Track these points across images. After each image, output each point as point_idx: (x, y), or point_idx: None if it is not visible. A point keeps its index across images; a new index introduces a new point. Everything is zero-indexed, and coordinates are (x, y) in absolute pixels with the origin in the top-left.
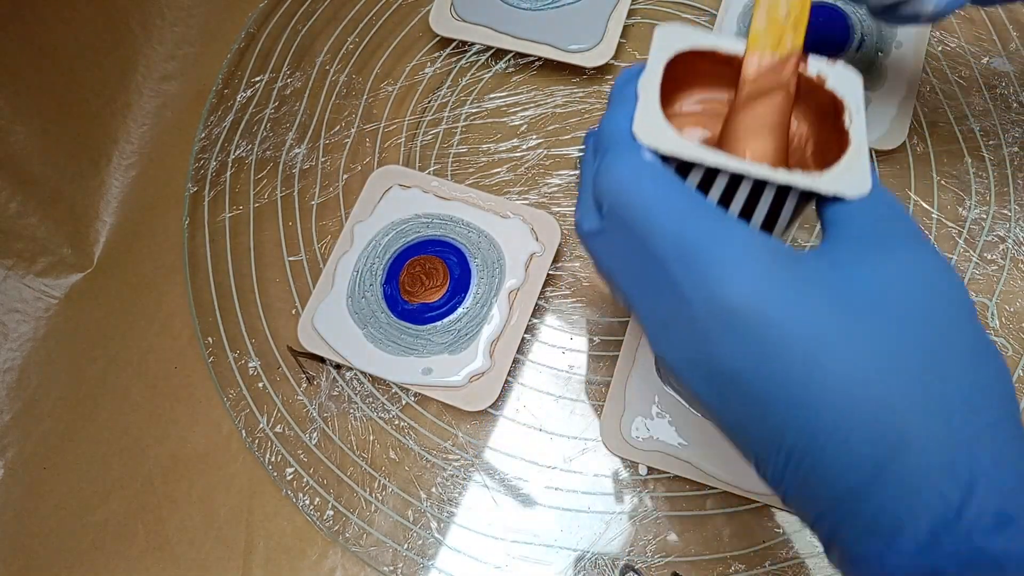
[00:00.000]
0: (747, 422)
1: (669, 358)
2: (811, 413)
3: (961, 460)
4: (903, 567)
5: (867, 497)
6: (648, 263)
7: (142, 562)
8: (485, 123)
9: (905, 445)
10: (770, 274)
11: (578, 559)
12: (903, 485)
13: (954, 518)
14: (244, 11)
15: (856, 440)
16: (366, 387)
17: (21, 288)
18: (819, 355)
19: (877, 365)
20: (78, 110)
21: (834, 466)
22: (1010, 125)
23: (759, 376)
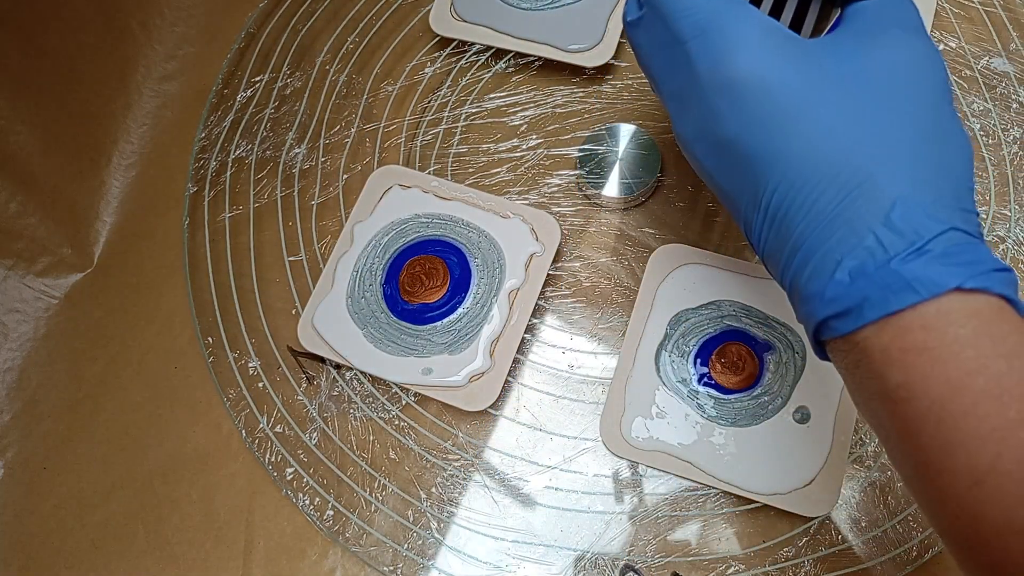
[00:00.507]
0: (738, 184)
1: (682, 133)
2: (786, 167)
3: (898, 208)
4: (838, 296)
5: (818, 242)
6: (673, 45)
7: (142, 562)
8: (485, 123)
9: (855, 195)
10: (771, 53)
11: (578, 559)
12: (846, 230)
13: (881, 252)
14: (244, 11)
15: (819, 191)
16: (366, 387)
17: (21, 288)
18: (800, 117)
19: (846, 126)
20: (78, 110)
21: (798, 216)
22: (1010, 125)
23: (751, 140)
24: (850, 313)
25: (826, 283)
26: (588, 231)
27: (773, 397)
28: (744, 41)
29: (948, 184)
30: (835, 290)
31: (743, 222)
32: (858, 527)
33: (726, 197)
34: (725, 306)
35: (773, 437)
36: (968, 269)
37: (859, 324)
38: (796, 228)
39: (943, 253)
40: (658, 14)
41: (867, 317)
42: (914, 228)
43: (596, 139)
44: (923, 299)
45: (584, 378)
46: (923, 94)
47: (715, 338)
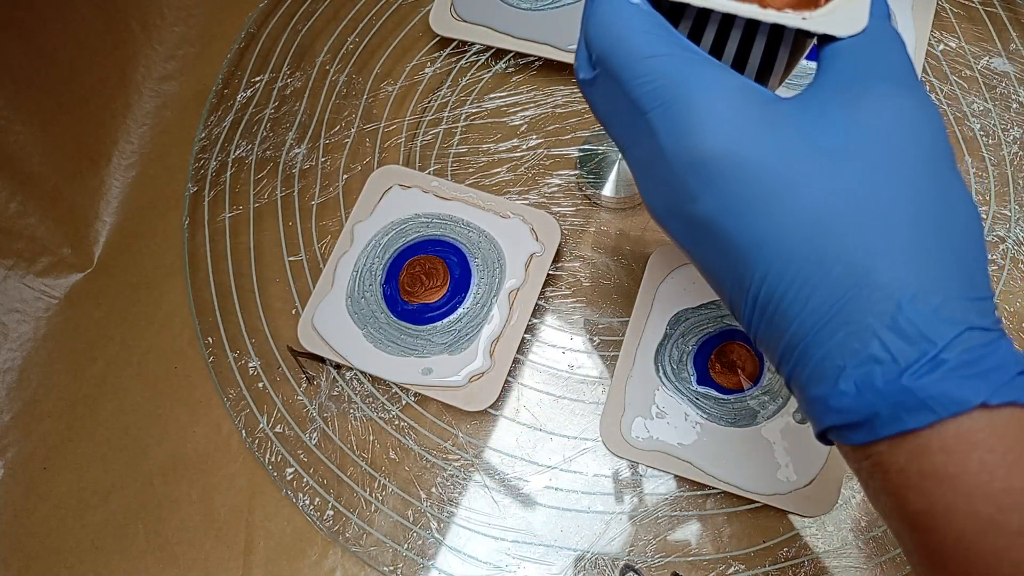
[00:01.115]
0: (720, 268)
1: (652, 205)
2: (772, 257)
3: (904, 309)
4: (844, 408)
5: (817, 343)
6: (632, 111)
7: (142, 562)
8: (485, 123)
9: (853, 293)
10: (744, 123)
11: (578, 559)
12: (847, 332)
13: (889, 362)
14: (244, 11)
15: (811, 287)
16: (366, 387)
17: (21, 288)
18: (783, 197)
19: (836, 208)
20: (78, 110)
21: (791, 313)
22: (1010, 125)
23: (729, 224)
24: (860, 427)
25: (829, 391)
26: (588, 231)
27: (773, 397)
28: (712, 111)
29: (958, 269)
30: (840, 401)
31: (730, 305)
32: (858, 527)
33: (707, 276)
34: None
35: (773, 437)
36: (991, 381)
37: (868, 439)
38: (791, 325)
39: (961, 363)
40: (612, 77)
41: (879, 433)
42: (925, 332)
43: (596, 139)
44: (941, 418)
45: (584, 378)
46: (921, 161)
47: (714, 337)
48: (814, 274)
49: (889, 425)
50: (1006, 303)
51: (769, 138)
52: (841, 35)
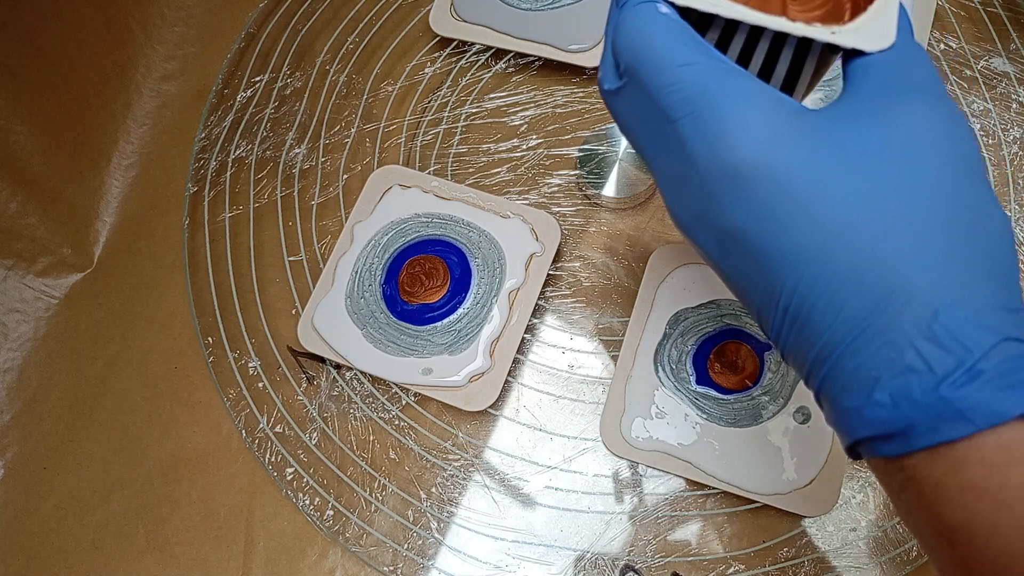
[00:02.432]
0: (749, 279)
1: (678, 215)
2: (804, 267)
3: (941, 318)
4: (879, 419)
5: (850, 354)
6: (660, 120)
7: (142, 562)
8: (485, 123)
9: (887, 302)
10: (776, 133)
11: (578, 559)
12: (882, 342)
13: (926, 372)
14: (244, 11)
15: (843, 296)
16: (366, 387)
17: (21, 288)
18: (815, 207)
19: (869, 216)
20: (78, 110)
21: (822, 323)
22: (1010, 125)
23: (760, 233)
24: (894, 438)
25: (863, 402)
26: (588, 231)
27: (774, 397)
28: (744, 121)
29: (993, 279)
30: (875, 412)
31: (757, 316)
32: (858, 527)
33: (734, 287)
34: (725, 305)
35: (773, 437)
36: None
37: (904, 451)
38: (822, 336)
39: (999, 373)
40: (640, 85)
41: (914, 445)
42: (962, 342)
43: (596, 139)
44: (979, 429)
45: (584, 378)
46: (954, 170)
47: (713, 337)
48: (847, 282)
49: (926, 436)
50: None
51: (802, 147)
52: (870, 50)
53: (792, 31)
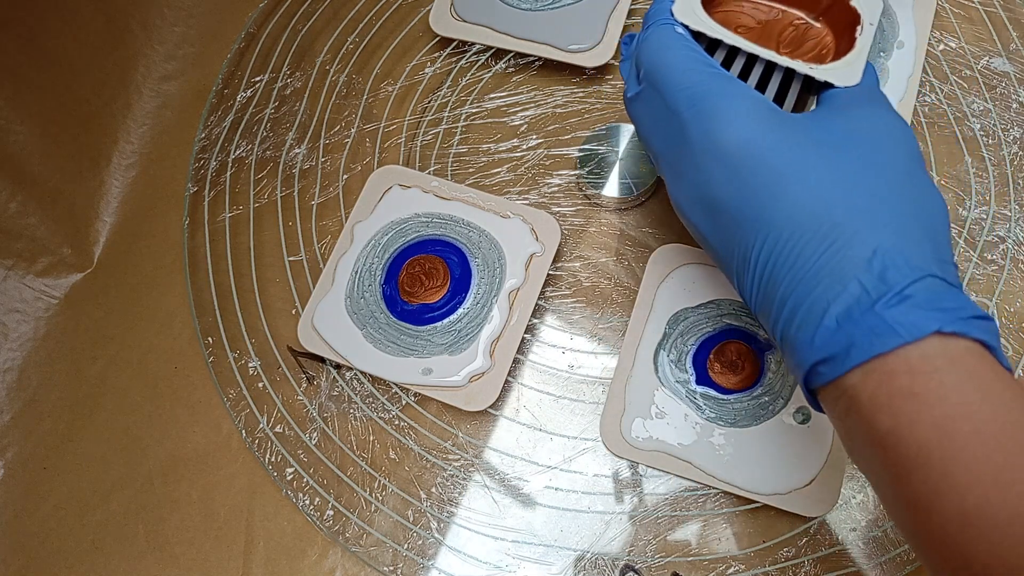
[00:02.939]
0: (730, 244)
1: (678, 199)
2: (771, 225)
3: (879, 255)
4: (827, 342)
5: (805, 292)
6: (669, 117)
7: (142, 562)
8: (485, 123)
9: (837, 247)
10: (759, 121)
11: (578, 559)
12: (831, 279)
13: (864, 297)
14: (244, 11)
15: (802, 247)
16: (366, 387)
17: (21, 288)
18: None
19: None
20: (78, 110)
21: (784, 270)
22: (1010, 125)
23: (740, 202)
24: (837, 358)
25: (814, 330)
26: (588, 231)
27: (774, 397)
28: (735, 111)
29: (927, 239)
30: (823, 336)
31: (736, 280)
32: (858, 527)
33: (719, 258)
34: (725, 305)
35: (773, 437)
36: (948, 314)
37: (847, 368)
38: (783, 281)
39: (923, 299)
40: (655, 89)
41: (854, 360)
42: (895, 274)
43: (596, 139)
44: (906, 342)
45: (584, 378)
46: (899, 159)
47: (713, 337)
48: (806, 234)
49: (864, 350)
50: (1006, 303)
51: (779, 134)
52: (839, 84)
53: (778, 61)
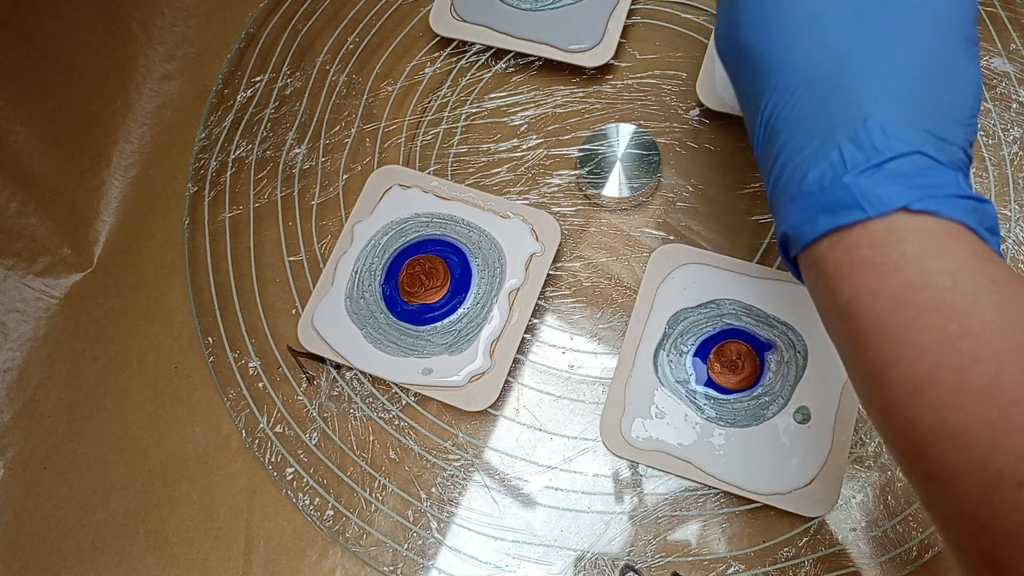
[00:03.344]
0: (748, 93)
1: (719, 43)
2: (781, 76)
3: (867, 124)
4: (797, 210)
5: (796, 152)
6: None
7: (142, 562)
8: (485, 123)
9: (833, 111)
10: None
11: (578, 559)
12: (819, 143)
13: (839, 165)
14: (244, 11)
15: (803, 104)
16: (366, 387)
17: (21, 288)
18: (805, 27)
19: (843, 39)
20: (78, 110)
21: (783, 126)
22: (1010, 125)
23: (760, 46)
24: (805, 225)
25: (792, 195)
26: (588, 231)
27: (774, 397)
28: None
29: (935, 112)
30: (797, 203)
31: (750, 131)
32: (858, 527)
33: (743, 108)
34: (725, 305)
35: (773, 437)
36: (921, 191)
37: (811, 237)
38: (779, 138)
39: (899, 173)
40: None
41: (818, 229)
42: (877, 146)
43: (596, 139)
44: (869, 216)
45: (584, 378)
46: (938, 29)
47: (713, 337)
48: (811, 90)
49: (826, 222)
50: None
51: None
52: None
53: None
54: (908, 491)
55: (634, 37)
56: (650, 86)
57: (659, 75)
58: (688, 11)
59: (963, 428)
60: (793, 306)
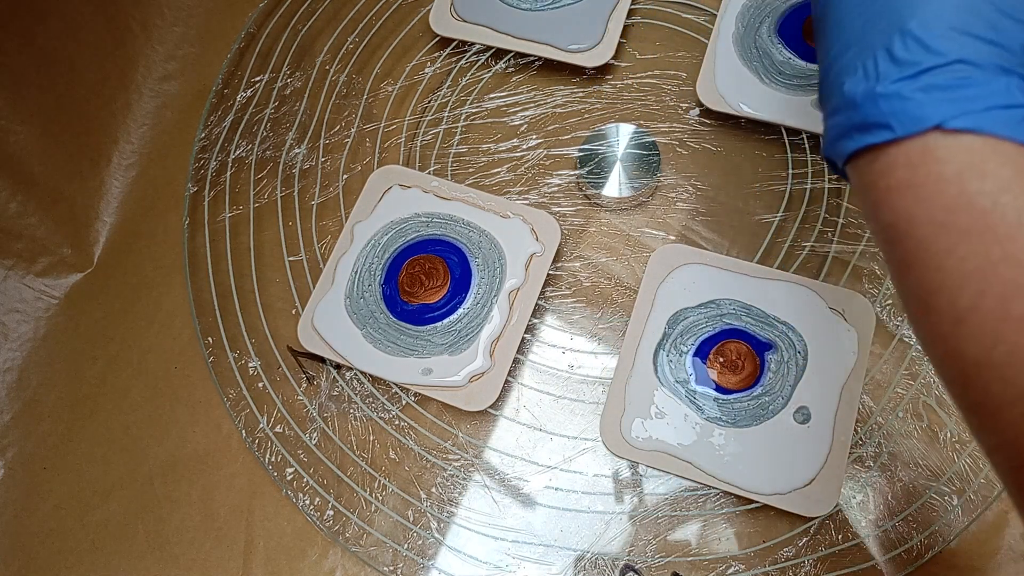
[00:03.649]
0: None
1: None
2: None
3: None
4: (832, 126)
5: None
6: None
7: (142, 562)
8: (485, 123)
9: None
10: None
11: (578, 559)
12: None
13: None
14: (244, 11)
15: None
16: (366, 387)
17: (21, 288)
18: None
19: None
20: (78, 110)
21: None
22: None
23: None
24: (840, 142)
25: (832, 107)
26: (588, 231)
27: (774, 397)
28: None
29: (985, 11)
30: (834, 117)
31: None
32: (858, 527)
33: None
34: (725, 304)
35: (773, 437)
36: (958, 106)
37: (845, 154)
38: (824, 41)
39: (935, 86)
40: None
41: (852, 147)
42: (912, 54)
43: (596, 139)
44: (899, 136)
45: (584, 378)
46: None
47: (713, 337)
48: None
49: (856, 140)
50: None
51: None
52: None
53: None
54: (908, 491)
55: (634, 37)
56: (650, 86)
57: (659, 75)
58: (688, 11)
59: (1006, 359)
60: (793, 306)
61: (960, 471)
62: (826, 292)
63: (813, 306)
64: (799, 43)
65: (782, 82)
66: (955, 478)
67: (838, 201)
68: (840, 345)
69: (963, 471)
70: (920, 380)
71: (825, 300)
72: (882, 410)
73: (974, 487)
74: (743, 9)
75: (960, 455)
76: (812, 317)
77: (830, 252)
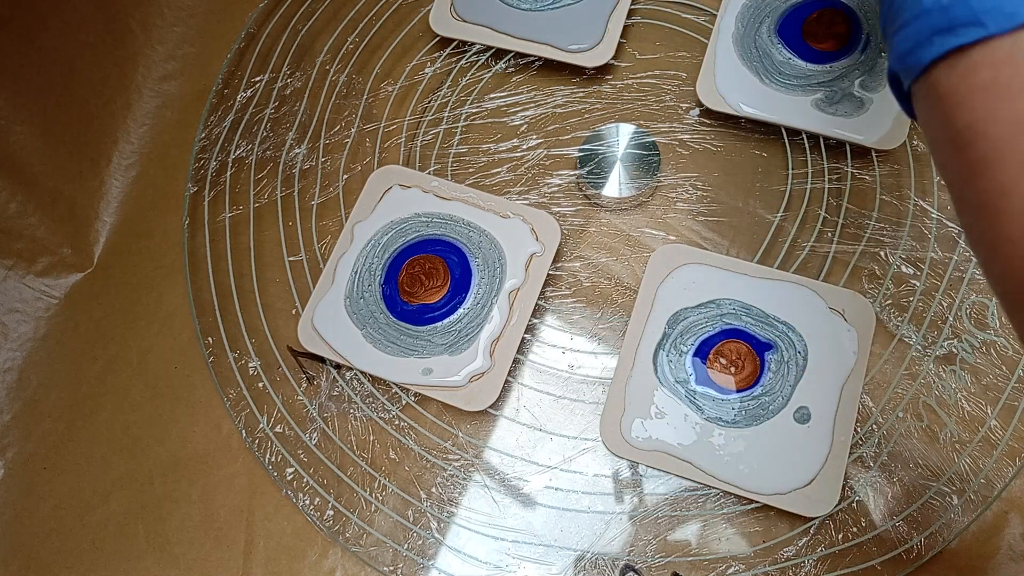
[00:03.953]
0: None
1: None
2: None
3: None
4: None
5: None
6: None
7: (142, 562)
8: (485, 123)
9: None
10: None
11: (578, 559)
12: None
13: None
14: (244, 11)
15: None
16: (366, 387)
17: (21, 288)
18: None
19: None
20: (78, 110)
21: None
22: None
23: None
24: (918, 51)
25: (907, 19)
26: (588, 231)
27: (774, 397)
28: None
29: None
30: (911, 27)
31: None
32: (858, 527)
33: None
34: (725, 304)
35: (773, 437)
36: None
37: (927, 61)
38: None
39: None
40: None
41: (933, 53)
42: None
43: (596, 139)
44: (991, 34)
45: (584, 378)
46: None
47: (713, 337)
48: None
49: (945, 40)
50: None
51: None
52: None
53: None
54: (908, 491)
55: (634, 37)
56: (650, 86)
57: (659, 75)
58: (688, 11)
59: None
60: (793, 306)
61: (960, 471)
62: (826, 292)
63: (813, 306)
64: (799, 43)
65: (782, 82)
66: (955, 478)
67: (838, 201)
68: (840, 345)
69: (963, 471)
70: (920, 380)
71: (825, 300)
72: (882, 410)
73: (974, 487)
74: (743, 9)
75: (960, 455)
76: (812, 317)
77: (830, 252)
